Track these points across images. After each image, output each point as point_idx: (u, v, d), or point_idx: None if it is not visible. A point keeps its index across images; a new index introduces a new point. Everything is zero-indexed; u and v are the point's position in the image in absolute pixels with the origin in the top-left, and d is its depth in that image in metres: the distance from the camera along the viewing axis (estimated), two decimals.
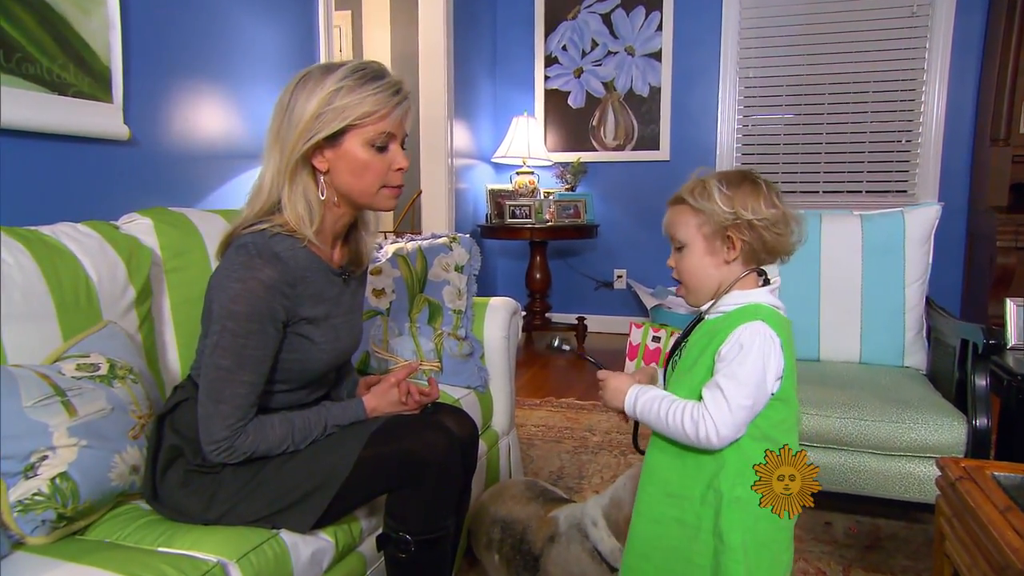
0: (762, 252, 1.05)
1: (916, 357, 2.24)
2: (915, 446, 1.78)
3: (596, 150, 4.59)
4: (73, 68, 1.62)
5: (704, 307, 1.09)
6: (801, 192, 4.21)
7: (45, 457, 1.05)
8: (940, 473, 1.35)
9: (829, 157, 4.16)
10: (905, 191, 4.06)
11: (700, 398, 1.01)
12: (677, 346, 1.14)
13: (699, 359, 1.04)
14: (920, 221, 2.26)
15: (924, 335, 2.26)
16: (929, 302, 2.28)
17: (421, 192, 4.06)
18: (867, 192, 4.12)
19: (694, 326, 1.11)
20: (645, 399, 1.06)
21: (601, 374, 1.14)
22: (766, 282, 1.08)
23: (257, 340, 1.14)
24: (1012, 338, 2.00)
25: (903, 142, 4.04)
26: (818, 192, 4.20)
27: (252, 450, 1.16)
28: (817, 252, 2.32)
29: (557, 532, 1.48)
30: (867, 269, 2.27)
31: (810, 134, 4.18)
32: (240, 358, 1.13)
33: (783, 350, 1.00)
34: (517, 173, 4.38)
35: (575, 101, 4.61)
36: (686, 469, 1.04)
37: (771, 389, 1.00)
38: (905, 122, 4.01)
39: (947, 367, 2.02)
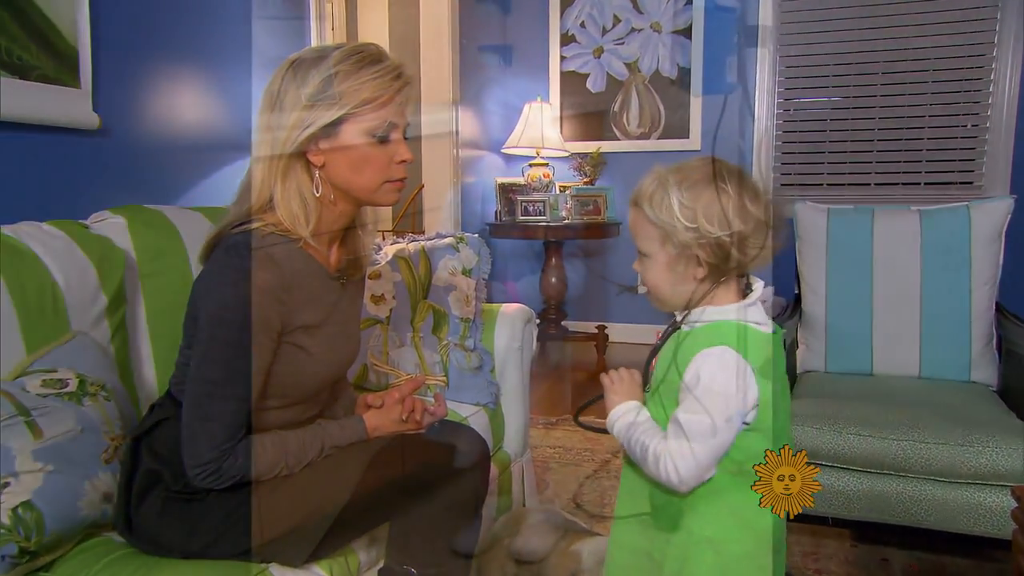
0: (728, 268, 1.01)
1: (985, 371, 2.22)
2: (985, 472, 1.76)
3: (618, 139, 4.59)
4: (36, 49, 1.64)
5: (678, 316, 1.06)
6: (850, 184, 4.20)
7: (7, 484, 1.05)
8: (1016, 504, 1.33)
9: (883, 145, 4.13)
10: (971, 183, 4.04)
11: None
12: (656, 351, 1.11)
13: (665, 377, 1.04)
14: (989, 217, 2.24)
15: (994, 346, 2.24)
16: (1000, 308, 2.27)
17: (423, 187, 4.08)
18: (927, 184, 4.09)
19: (671, 332, 1.09)
20: (622, 424, 1.06)
21: (605, 380, 1.12)
22: (749, 288, 1.06)
23: (249, 351, 1.14)
24: None
25: (968, 127, 4.01)
26: (870, 184, 4.18)
27: (242, 474, 1.16)
28: (869, 253, 2.31)
29: (580, 568, 1.47)
30: (927, 272, 2.26)
31: (861, 119, 4.15)
32: (230, 371, 1.14)
33: (758, 376, 0.98)
34: (530, 165, 4.38)
35: (595, 84, 4.61)
36: (656, 497, 1.03)
37: (745, 419, 0.98)
38: (971, 103, 3.98)
39: (1022, 383, 2.00)
